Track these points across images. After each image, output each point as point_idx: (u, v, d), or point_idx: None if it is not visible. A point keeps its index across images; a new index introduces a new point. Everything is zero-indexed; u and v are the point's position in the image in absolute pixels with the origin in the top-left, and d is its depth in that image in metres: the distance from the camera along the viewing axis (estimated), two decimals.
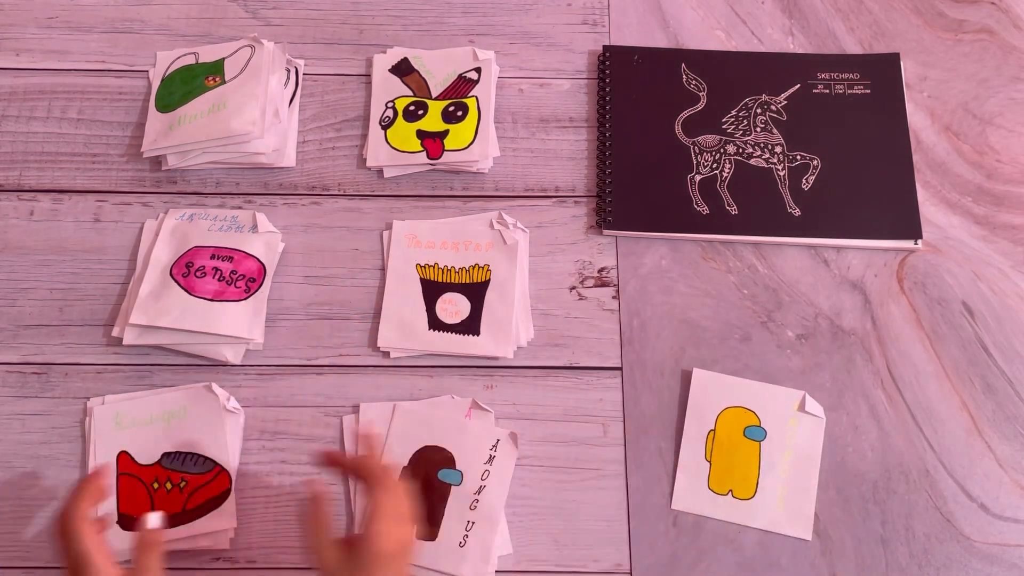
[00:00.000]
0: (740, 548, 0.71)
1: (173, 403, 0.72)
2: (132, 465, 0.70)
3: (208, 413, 0.72)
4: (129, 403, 0.72)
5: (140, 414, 0.72)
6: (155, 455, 0.71)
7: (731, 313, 0.78)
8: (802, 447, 0.73)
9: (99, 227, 0.81)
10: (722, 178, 0.82)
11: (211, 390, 0.72)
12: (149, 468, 0.70)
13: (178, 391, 0.73)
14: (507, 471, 0.71)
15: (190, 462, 0.70)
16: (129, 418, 0.72)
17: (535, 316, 0.78)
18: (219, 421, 0.71)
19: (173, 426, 0.71)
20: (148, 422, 0.72)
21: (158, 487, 0.70)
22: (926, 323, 0.78)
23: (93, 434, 0.71)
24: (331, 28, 0.89)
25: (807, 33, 0.89)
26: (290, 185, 0.83)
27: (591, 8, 0.91)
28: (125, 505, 0.69)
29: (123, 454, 0.71)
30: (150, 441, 0.71)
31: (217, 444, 0.71)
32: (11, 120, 0.85)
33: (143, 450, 0.71)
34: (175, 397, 0.72)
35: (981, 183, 0.83)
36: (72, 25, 0.89)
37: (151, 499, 0.69)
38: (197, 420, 0.72)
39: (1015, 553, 0.70)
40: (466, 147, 0.82)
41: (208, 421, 0.71)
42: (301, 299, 0.78)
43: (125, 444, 0.71)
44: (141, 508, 0.68)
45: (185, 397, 0.72)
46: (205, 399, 0.72)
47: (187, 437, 0.71)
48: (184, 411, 0.72)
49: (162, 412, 0.72)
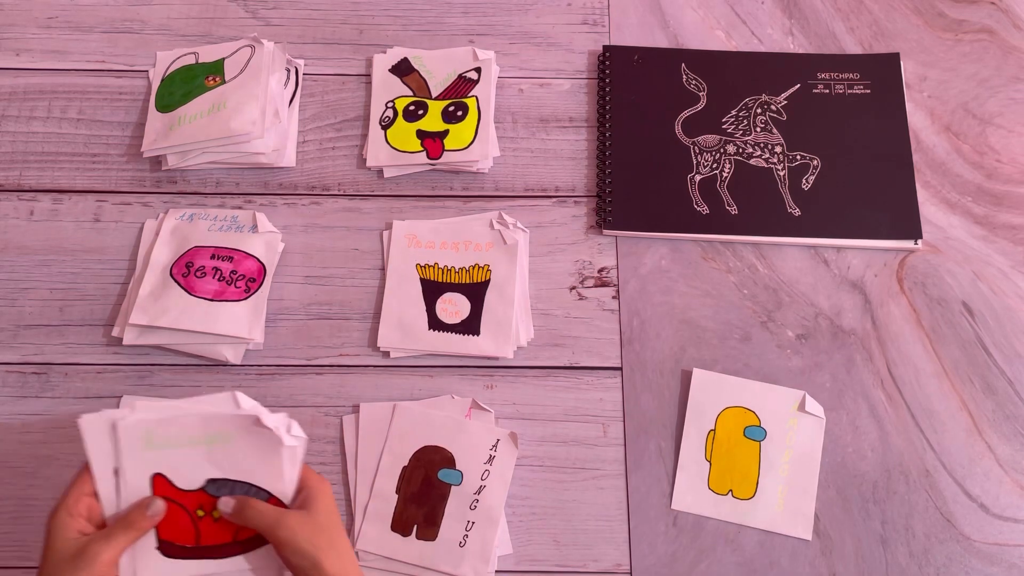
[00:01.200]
0: (740, 548, 0.71)
1: (214, 428, 0.61)
2: (172, 490, 0.60)
3: (261, 442, 0.60)
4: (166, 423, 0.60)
5: (177, 435, 0.60)
6: (199, 480, 0.60)
7: (731, 313, 0.78)
8: (802, 447, 0.73)
9: (99, 227, 0.81)
10: (722, 178, 0.82)
11: (262, 424, 0.59)
12: (193, 494, 0.60)
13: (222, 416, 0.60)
14: (507, 471, 0.71)
15: (241, 490, 0.60)
16: (163, 438, 0.60)
17: (535, 316, 0.78)
18: (275, 453, 0.60)
19: (216, 450, 0.60)
20: (188, 444, 0.60)
21: (203, 515, 0.60)
22: (926, 323, 0.78)
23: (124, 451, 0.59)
24: (331, 28, 0.90)
25: (807, 33, 0.89)
26: (290, 185, 0.83)
27: (591, 8, 0.91)
28: (166, 533, 0.60)
29: (159, 476, 0.60)
30: (191, 463, 0.60)
31: (272, 474, 0.61)
32: (11, 120, 0.85)
33: (184, 474, 0.60)
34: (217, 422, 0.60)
35: (981, 183, 0.83)
36: (72, 25, 0.89)
37: (195, 528, 0.60)
38: (248, 448, 0.61)
39: (1015, 553, 0.70)
40: (466, 147, 0.82)
41: (263, 451, 0.60)
42: (301, 299, 0.78)
43: (159, 466, 0.60)
44: (185, 537, 0.60)
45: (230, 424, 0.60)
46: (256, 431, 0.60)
47: (237, 464, 0.61)
48: (229, 437, 0.60)
49: (202, 435, 0.60)
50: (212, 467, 0.60)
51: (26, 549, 0.70)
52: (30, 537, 0.70)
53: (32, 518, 0.70)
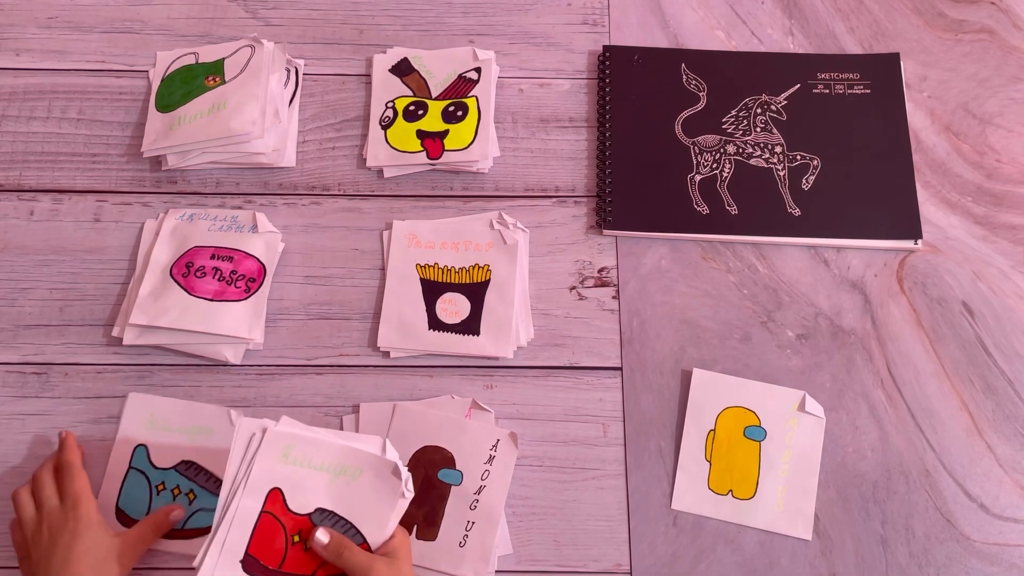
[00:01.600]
0: (740, 548, 0.71)
1: (351, 461, 0.62)
2: (282, 507, 0.61)
3: (385, 488, 0.62)
4: (307, 442, 0.62)
5: (314, 457, 0.62)
6: (310, 506, 0.61)
7: (731, 313, 0.78)
8: (802, 447, 0.73)
9: (99, 227, 0.81)
10: (722, 178, 0.82)
11: (398, 474, 0.61)
12: (298, 518, 0.61)
13: (363, 454, 0.62)
14: (507, 471, 0.71)
15: (341, 528, 0.61)
16: (300, 456, 0.62)
17: (535, 316, 0.78)
18: (392, 502, 0.62)
19: (339, 483, 0.62)
20: (317, 468, 0.62)
21: (298, 540, 0.61)
22: (926, 323, 0.78)
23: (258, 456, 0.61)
24: (331, 28, 0.89)
25: (807, 33, 0.89)
26: (290, 185, 0.83)
27: (591, 8, 0.91)
28: (256, 547, 0.60)
29: (276, 491, 0.61)
30: (310, 487, 0.62)
31: (379, 525, 0.62)
32: (11, 120, 0.85)
33: (299, 496, 0.62)
34: (356, 456, 0.62)
35: (981, 183, 0.83)
36: (72, 25, 0.89)
37: (285, 551, 0.61)
38: (368, 490, 0.62)
39: (1015, 553, 0.70)
40: (466, 147, 0.82)
41: (380, 497, 0.62)
42: (301, 299, 0.78)
43: (282, 481, 0.61)
44: (272, 558, 0.60)
45: (367, 463, 0.62)
46: (386, 477, 0.62)
47: (350, 502, 0.62)
48: (359, 473, 0.62)
49: (336, 464, 0.62)
50: (327, 498, 0.62)
51: None
52: None
53: None
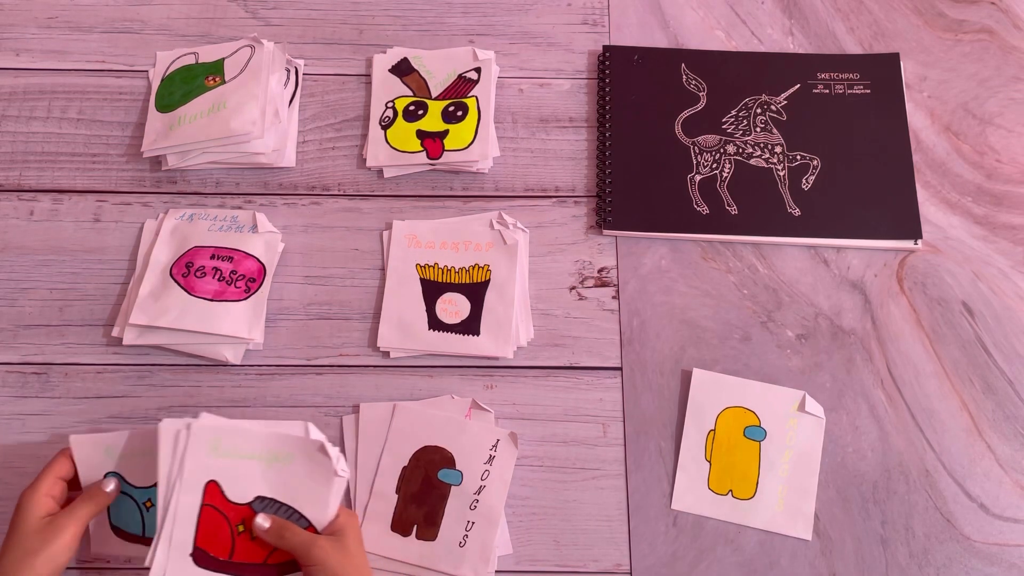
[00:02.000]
0: (740, 548, 0.71)
1: (279, 446, 0.63)
2: (221, 499, 0.62)
3: (317, 468, 0.63)
4: (233, 433, 0.63)
5: (243, 447, 0.63)
6: (249, 495, 0.62)
7: (731, 313, 0.78)
8: (802, 447, 0.73)
9: (99, 227, 0.81)
10: (722, 178, 0.82)
11: (325, 453, 0.62)
12: (239, 507, 0.62)
13: (289, 437, 0.63)
14: (507, 471, 0.71)
15: (283, 513, 0.62)
16: (229, 447, 0.63)
17: (535, 316, 0.78)
18: (327, 482, 0.63)
19: (273, 469, 0.63)
20: (249, 457, 0.63)
21: (243, 530, 0.62)
22: (926, 323, 0.78)
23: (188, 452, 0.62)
24: (331, 28, 0.89)
25: (807, 33, 0.89)
26: (290, 185, 0.83)
27: (591, 8, 0.91)
28: (204, 540, 0.61)
29: (213, 484, 0.62)
30: (246, 477, 0.63)
31: (320, 507, 0.63)
32: (11, 120, 0.85)
33: (237, 486, 0.63)
34: (284, 441, 0.63)
35: (981, 183, 0.83)
36: (72, 25, 0.89)
37: (232, 542, 0.62)
38: (303, 473, 0.63)
39: (1015, 553, 0.70)
40: (466, 147, 0.82)
41: (315, 478, 0.63)
42: (301, 299, 0.78)
43: (216, 474, 0.62)
44: (220, 549, 0.61)
45: (295, 447, 0.63)
46: (316, 458, 0.63)
47: (288, 487, 0.63)
48: (291, 458, 0.63)
49: (265, 451, 0.63)
50: (265, 485, 0.63)
51: None
52: None
53: None
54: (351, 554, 0.60)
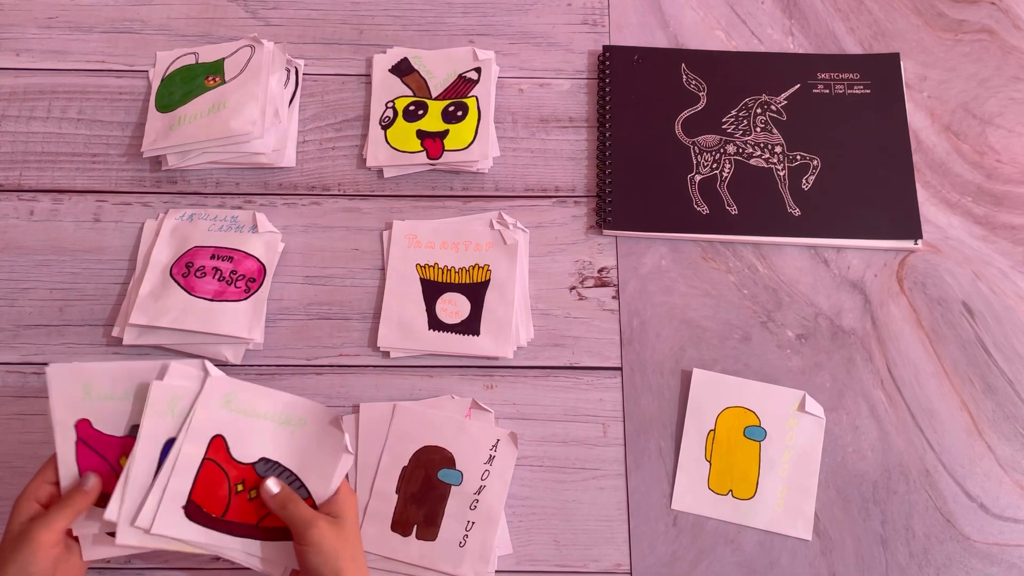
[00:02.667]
0: (740, 548, 0.71)
1: (293, 410, 0.64)
2: (225, 455, 0.62)
3: (328, 440, 0.63)
4: (249, 390, 0.63)
5: (258, 405, 0.63)
6: (253, 455, 0.62)
7: (731, 313, 0.78)
8: (802, 447, 0.73)
9: (99, 227, 0.81)
10: (722, 178, 0.82)
11: (338, 426, 0.63)
12: (242, 467, 0.62)
13: (306, 403, 0.64)
14: (507, 471, 0.71)
15: (285, 479, 0.62)
16: (243, 403, 0.63)
17: (535, 316, 0.78)
18: (336, 456, 0.63)
19: (283, 432, 0.63)
20: (261, 416, 0.63)
21: (241, 490, 0.61)
22: (926, 323, 0.78)
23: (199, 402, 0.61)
24: (331, 28, 0.90)
25: (807, 33, 0.89)
26: (290, 185, 0.83)
27: (591, 8, 0.91)
28: (199, 494, 0.60)
29: (219, 439, 0.62)
30: (254, 436, 0.63)
31: (323, 479, 0.62)
32: (11, 120, 0.85)
33: (243, 444, 0.62)
34: (300, 406, 0.64)
35: (981, 183, 0.83)
36: (72, 25, 0.89)
37: (228, 500, 0.61)
38: (312, 442, 0.63)
39: (1015, 553, 0.70)
40: (466, 147, 0.82)
41: (324, 450, 0.63)
42: (301, 299, 0.78)
43: (224, 428, 0.62)
44: (215, 506, 0.61)
45: (309, 413, 0.63)
46: (329, 430, 0.64)
47: (294, 453, 0.62)
48: (303, 423, 0.64)
49: (278, 413, 0.63)
50: (272, 447, 0.63)
51: None
52: None
53: None
54: (347, 540, 0.60)
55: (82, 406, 0.61)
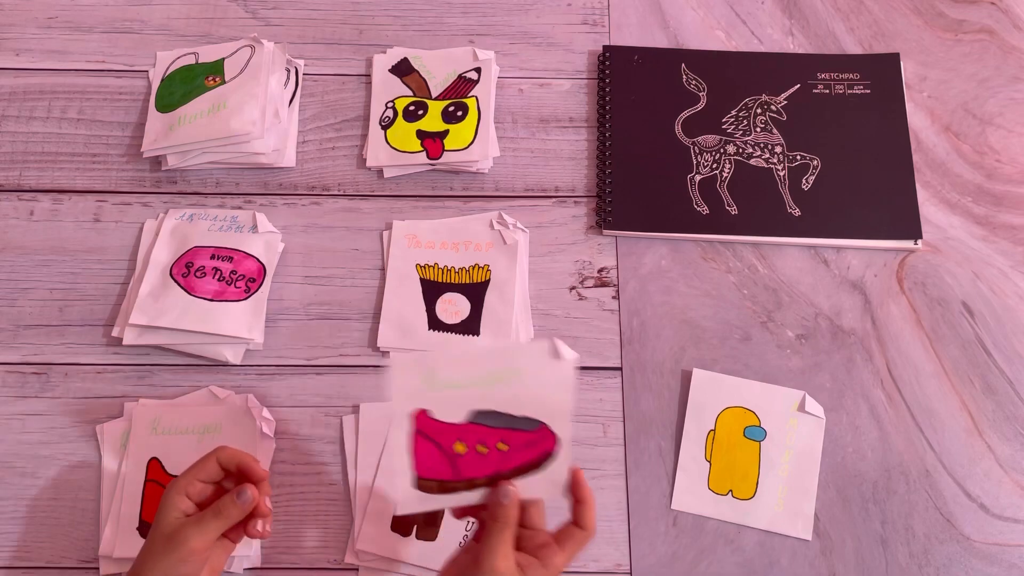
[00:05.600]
0: (740, 548, 0.71)
1: (211, 418, 0.72)
2: (163, 474, 0.70)
3: (244, 435, 0.71)
4: (170, 410, 0.72)
5: (179, 423, 0.72)
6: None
7: (731, 313, 0.78)
8: (802, 447, 0.73)
9: (99, 227, 0.81)
10: (722, 178, 0.82)
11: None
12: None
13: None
14: None
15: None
16: (167, 425, 0.71)
17: (535, 316, 0.78)
18: (253, 443, 0.71)
19: (206, 440, 0.71)
20: (184, 432, 0.71)
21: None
22: (926, 323, 0.78)
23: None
24: (331, 28, 0.89)
25: (807, 33, 0.89)
26: (290, 185, 0.83)
27: (591, 8, 0.91)
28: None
29: (154, 461, 0.71)
30: (180, 451, 0.70)
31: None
32: (11, 120, 0.85)
33: (174, 460, 0.70)
34: (214, 413, 0.72)
35: (981, 183, 0.83)
36: (72, 25, 0.89)
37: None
38: (232, 440, 0.70)
39: (1015, 553, 0.70)
40: (466, 147, 0.82)
41: (242, 444, 0.69)
42: (301, 299, 0.78)
43: (158, 451, 0.71)
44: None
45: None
46: (243, 420, 0.72)
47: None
48: (219, 428, 0.71)
49: (199, 425, 0.72)
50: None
51: (26, 550, 0.70)
52: (30, 537, 0.70)
53: (32, 518, 0.70)
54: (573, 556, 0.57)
55: (422, 396, 0.59)
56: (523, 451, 0.59)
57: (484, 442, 0.59)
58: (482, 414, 0.59)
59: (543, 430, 0.59)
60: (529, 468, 0.59)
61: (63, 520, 0.70)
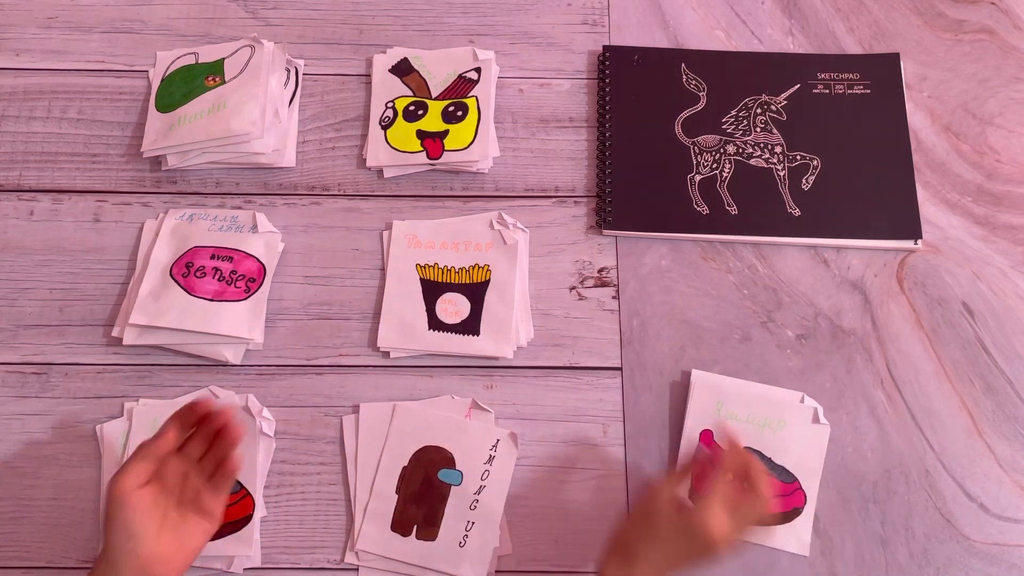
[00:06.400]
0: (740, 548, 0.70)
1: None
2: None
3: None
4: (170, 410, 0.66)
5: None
6: None
7: (731, 313, 0.78)
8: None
9: (99, 227, 0.81)
10: (722, 178, 0.82)
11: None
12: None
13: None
14: (507, 471, 0.71)
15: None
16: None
17: (535, 316, 0.78)
18: (253, 443, 0.70)
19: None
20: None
21: None
22: (926, 323, 0.78)
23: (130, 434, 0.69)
24: (331, 28, 0.89)
25: (807, 33, 0.89)
26: (290, 185, 0.83)
27: (591, 8, 0.91)
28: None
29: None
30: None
31: (248, 466, 0.69)
32: (11, 120, 0.85)
33: None
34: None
35: (981, 183, 0.83)
36: (72, 25, 0.89)
37: None
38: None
39: (1015, 553, 0.70)
40: (466, 147, 0.82)
41: (242, 444, 0.65)
42: (301, 299, 0.78)
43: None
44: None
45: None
46: (242, 420, 0.70)
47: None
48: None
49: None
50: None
51: (26, 549, 0.70)
52: (30, 537, 0.70)
53: (32, 518, 0.70)
54: None
55: (710, 417, 0.72)
56: (777, 501, 0.68)
57: None
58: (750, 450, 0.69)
59: (795, 485, 0.69)
60: (781, 519, 0.69)
61: (63, 520, 0.70)
